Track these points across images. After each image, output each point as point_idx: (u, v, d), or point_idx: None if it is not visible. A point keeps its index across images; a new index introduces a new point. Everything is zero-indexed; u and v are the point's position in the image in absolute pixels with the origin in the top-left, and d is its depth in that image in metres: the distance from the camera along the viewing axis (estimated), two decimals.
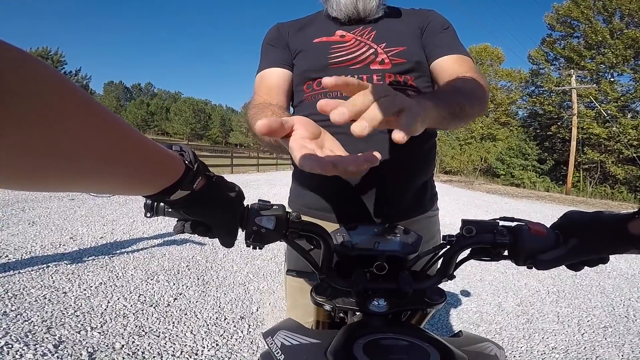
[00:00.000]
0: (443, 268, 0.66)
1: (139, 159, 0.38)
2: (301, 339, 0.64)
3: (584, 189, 22.79)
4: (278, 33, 1.08)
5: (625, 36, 25.14)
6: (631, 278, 3.98)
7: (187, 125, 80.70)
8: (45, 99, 0.26)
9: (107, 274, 3.04)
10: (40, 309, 2.30)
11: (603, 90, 26.06)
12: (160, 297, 2.69)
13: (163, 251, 3.79)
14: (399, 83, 0.98)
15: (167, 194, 0.46)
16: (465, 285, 3.51)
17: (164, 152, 0.44)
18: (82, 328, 2.12)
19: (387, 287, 0.65)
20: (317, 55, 1.00)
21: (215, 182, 0.55)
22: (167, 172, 0.45)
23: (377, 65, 0.97)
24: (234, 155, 17.97)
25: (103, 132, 0.33)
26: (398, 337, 0.56)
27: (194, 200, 0.51)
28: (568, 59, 28.41)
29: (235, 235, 0.60)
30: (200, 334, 2.22)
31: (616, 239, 0.53)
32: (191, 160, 0.49)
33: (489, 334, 2.52)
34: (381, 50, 0.97)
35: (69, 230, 4.33)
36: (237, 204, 0.59)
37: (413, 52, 0.98)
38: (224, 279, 3.20)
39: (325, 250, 0.66)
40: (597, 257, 0.57)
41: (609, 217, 0.55)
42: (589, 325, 2.69)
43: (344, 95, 0.85)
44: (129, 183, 0.40)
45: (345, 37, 1.00)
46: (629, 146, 23.67)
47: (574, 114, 22.12)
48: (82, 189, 0.36)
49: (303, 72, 1.02)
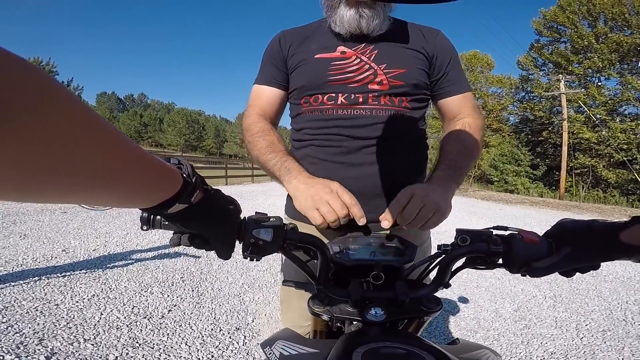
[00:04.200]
0: (439, 277, 0.67)
1: (137, 172, 0.38)
2: (300, 348, 0.64)
3: (577, 194, 22.97)
4: (279, 48, 1.08)
5: (609, 40, 25.68)
6: (627, 281, 4.00)
7: (181, 137, 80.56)
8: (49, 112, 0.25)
9: (100, 286, 2.99)
10: (32, 321, 2.26)
11: (591, 94, 26.44)
12: (154, 309, 2.64)
13: (157, 263, 3.74)
14: (393, 103, 1.00)
15: (164, 207, 0.46)
16: (462, 292, 3.49)
17: (162, 165, 0.43)
18: (74, 340, 2.09)
19: (384, 297, 0.66)
20: (317, 72, 1.00)
21: (212, 196, 0.55)
22: (165, 186, 0.45)
23: (375, 85, 0.98)
24: (228, 167, 17.99)
25: (104, 145, 0.32)
26: (396, 346, 0.56)
27: (191, 214, 0.50)
28: (556, 64, 28.89)
29: (233, 247, 0.60)
30: (196, 345, 2.18)
31: (608, 247, 0.54)
32: (189, 173, 0.49)
33: (487, 340, 2.50)
34: (381, 72, 0.98)
35: (61, 243, 4.27)
36: (235, 216, 0.59)
37: (412, 75, 1.00)
38: (218, 290, 3.16)
39: (322, 261, 0.67)
40: (588, 264, 0.58)
41: (602, 226, 0.57)
42: (588, 330, 2.68)
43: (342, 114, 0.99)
44: (127, 196, 0.40)
45: (346, 53, 1.00)
46: (619, 150, 23.95)
47: (564, 118, 22.43)
48: (78, 201, 0.35)
49: (301, 87, 1.04)
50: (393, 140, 0.99)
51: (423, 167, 1.09)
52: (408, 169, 1.02)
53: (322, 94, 1.00)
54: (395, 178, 0.98)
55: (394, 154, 0.99)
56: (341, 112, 0.98)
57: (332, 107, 0.99)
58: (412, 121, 1.03)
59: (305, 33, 1.09)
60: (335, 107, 0.99)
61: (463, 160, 0.96)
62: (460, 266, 0.69)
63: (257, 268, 3.80)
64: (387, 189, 0.98)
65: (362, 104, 0.98)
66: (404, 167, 1.01)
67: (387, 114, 0.98)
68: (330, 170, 0.98)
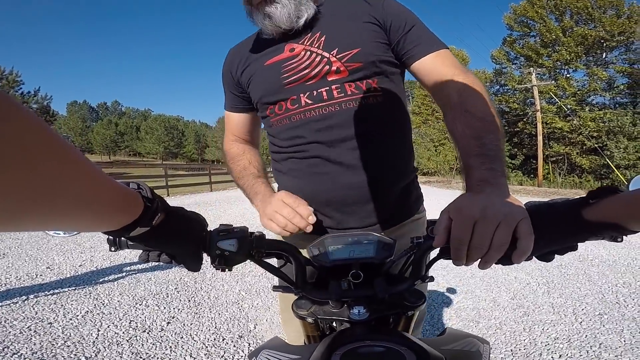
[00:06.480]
0: (414, 270, 0.66)
1: (102, 198, 0.39)
2: (282, 356, 0.64)
3: (554, 181, 23.72)
4: (228, 72, 1.07)
5: (575, 34, 26.67)
6: (613, 264, 4.13)
7: (160, 144, 78.87)
8: (21, 142, 0.25)
9: (92, 302, 2.89)
10: (28, 341, 2.18)
11: (561, 85, 27.39)
12: (152, 322, 2.56)
13: (148, 275, 3.63)
14: (361, 90, 0.90)
15: (127, 230, 0.47)
16: (457, 282, 3.54)
17: (124, 190, 0.44)
18: (75, 358, 2.02)
19: (364, 294, 0.66)
20: (270, 79, 0.95)
21: (174, 215, 0.57)
22: (127, 210, 0.45)
23: (333, 75, 0.89)
24: (212, 173, 17.61)
25: (75, 174, 0.33)
26: (376, 344, 0.56)
27: (153, 235, 0.52)
28: (527, 57, 29.70)
29: (200, 260, 0.62)
30: (200, 356, 2.12)
31: (575, 228, 0.53)
32: (149, 197, 0.50)
33: (489, 329, 2.53)
34: (334, 58, 0.89)
35: (44, 260, 4.11)
36: (198, 231, 0.61)
37: (369, 51, 0.89)
38: (215, 298, 3.10)
39: (296, 265, 0.69)
40: (561, 247, 0.56)
41: (562, 205, 0.55)
42: (585, 314, 2.75)
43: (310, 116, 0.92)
44: (91, 221, 0.40)
45: (295, 50, 0.92)
46: (590, 137, 24.86)
47: (537, 109, 23.09)
48: (44, 228, 0.36)
49: (260, 99, 0.98)
50: (374, 132, 0.91)
51: (410, 149, 1.03)
52: (396, 159, 0.96)
53: (284, 99, 0.93)
54: (385, 174, 0.93)
55: (378, 147, 0.92)
56: (310, 115, 0.91)
57: (299, 111, 0.92)
58: (390, 103, 0.94)
59: (251, 43, 1.03)
60: (302, 110, 0.92)
61: (488, 137, 0.70)
62: (435, 257, 0.68)
63: (252, 273, 3.74)
64: (379, 190, 0.93)
65: (328, 100, 0.90)
66: (391, 158, 0.95)
67: (359, 103, 0.90)
68: (315, 184, 0.94)
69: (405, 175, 0.99)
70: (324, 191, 0.93)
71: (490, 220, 0.54)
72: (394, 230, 0.98)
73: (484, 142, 0.69)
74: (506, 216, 0.54)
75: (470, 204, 0.57)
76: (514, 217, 0.54)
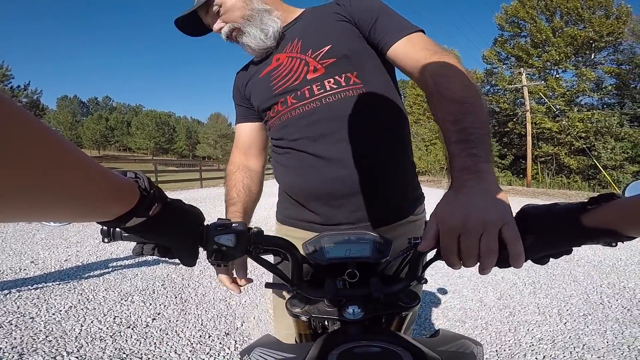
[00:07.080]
0: (411, 271, 0.66)
1: (95, 187, 0.38)
2: (276, 354, 0.63)
3: (543, 181, 23.99)
4: (237, 89, 1.17)
5: (565, 34, 27.02)
6: (598, 265, 4.19)
7: (151, 140, 78.03)
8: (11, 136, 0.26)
9: (77, 297, 2.85)
10: (8, 335, 2.14)
11: (550, 86, 27.70)
12: (137, 318, 2.53)
13: (135, 271, 3.59)
14: (340, 85, 0.93)
15: (122, 221, 0.46)
16: (445, 282, 3.56)
17: (119, 179, 0.43)
18: (57, 353, 1.99)
19: (360, 294, 0.65)
20: (263, 88, 1.04)
21: (171, 207, 0.55)
22: (123, 200, 0.45)
23: (312, 74, 0.95)
24: (202, 169, 17.50)
25: (65, 163, 0.33)
26: (373, 344, 0.56)
27: (149, 226, 0.51)
28: (518, 57, 29.99)
29: (196, 255, 0.61)
30: (185, 353, 2.10)
31: (571, 233, 0.53)
32: (146, 187, 0.49)
33: (475, 329, 2.55)
34: (310, 58, 0.95)
35: (29, 254, 4.05)
36: (196, 225, 0.60)
37: (340, 46, 0.93)
38: (203, 295, 3.07)
39: (293, 262, 0.68)
40: (556, 251, 0.56)
41: (562, 209, 0.55)
42: (569, 315, 2.78)
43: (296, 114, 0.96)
44: (85, 211, 0.40)
45: (280, 59, 1.01)
46: (578, 138, 25.20)
47: (527, 110, 23.31)
48: (36, 219, 0.36)
49: (258, 107, 1.08)
50: (358, 125, 0.92)
51: (404, 145, 1.01)
52: (385, 152, 0.95)
53: (275, 103, 1.02)
54: (372, 167, 0.93)
55: (363, 140, 0.92)
56: (295, 113, 0.97)
57: (286, 111, 0.98)
58: (374, 95, 0.95)
59: (252, 62, 1.13)
60: (289, 110, 0.98)
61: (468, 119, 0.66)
62: (432, 258, 0.67)
63: None
64: (365, 183, 0.93)
65: (310, 97, 0.94)
66: (379, 151, 0.94)
67: (339, 97, 0.92)
68: (305, 178, 0.98)
69: (396, 170, 0.98)
70: (313, 185, 0.96)
71: (472, 233, 0.54)
72: (388, 230, 0.98)
73: (463, 126, 0.65)
74: (486, 225, 0.53)
75: (452, 212, 0.56)
76: (495, 224, 0.53)
